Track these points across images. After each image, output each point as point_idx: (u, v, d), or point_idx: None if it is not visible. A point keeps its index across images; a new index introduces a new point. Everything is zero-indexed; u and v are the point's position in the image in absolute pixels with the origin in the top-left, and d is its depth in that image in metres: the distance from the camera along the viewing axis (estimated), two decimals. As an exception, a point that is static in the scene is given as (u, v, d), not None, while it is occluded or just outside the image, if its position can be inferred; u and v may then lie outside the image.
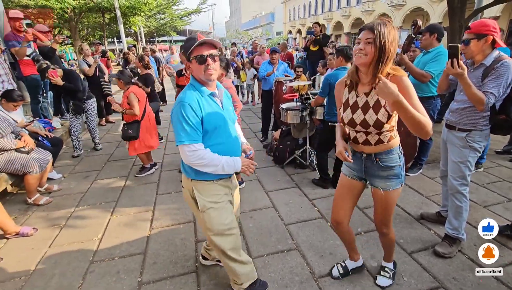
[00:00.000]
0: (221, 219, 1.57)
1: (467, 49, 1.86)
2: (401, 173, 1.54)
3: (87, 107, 4.26)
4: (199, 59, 1.38)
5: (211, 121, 1.44)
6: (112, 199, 3.06)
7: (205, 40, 1.38)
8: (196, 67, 1.41)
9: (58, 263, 2.15)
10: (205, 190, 1.54)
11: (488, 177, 3.29)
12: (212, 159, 1.42)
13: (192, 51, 1.38)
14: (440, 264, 2.02)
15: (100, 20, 15.30)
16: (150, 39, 27.97)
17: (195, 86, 1.47)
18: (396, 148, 1.52)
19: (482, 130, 1.95)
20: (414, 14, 22.39)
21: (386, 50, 1.27)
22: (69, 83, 3.92)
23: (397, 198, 1.60)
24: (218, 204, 1.56)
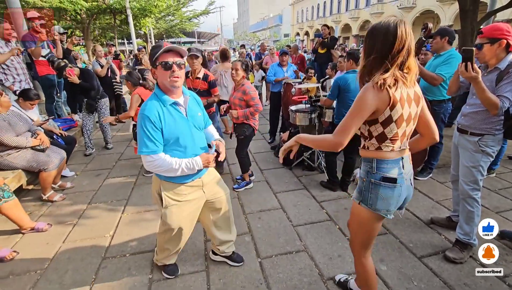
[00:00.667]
0: (179, 215, 1.68)
1: (480, 54, 1.85)
2: (361, 192, 1.36)
3: (100, 106, 4.29)
4: (164, 66, 1.44)
5: (172, 131, 1.51)
6: (123, 197, 3.12)
7: (171, 48, 1.44)
8: (161, 73, 1.46)
9: (71, 259, 2.21)
10: (171, 189, 1.64)
11: (500, 182, 3.23)
12: (170, 165, 1.49)
13: (157, 57, 1.44)
14: (451, 269, 2.00)
15: (112, 21, 15.61)
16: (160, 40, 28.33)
17: (157, 95, 1.51)
18: (370, 163, 1.33)
19: (495, 134, 1.93)
20: (424, 17, 22.15)
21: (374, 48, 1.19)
22: (85, 81, 3.98)
23: (358, 220, 1.43)
24: (181, 203, 1.67)
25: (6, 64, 4.03)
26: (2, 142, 2.62)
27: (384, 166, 1.30)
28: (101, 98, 4.28)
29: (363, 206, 1.37)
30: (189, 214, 1.75)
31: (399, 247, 2.24)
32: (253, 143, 4.78)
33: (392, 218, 2.60)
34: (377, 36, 1.18)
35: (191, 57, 3.22)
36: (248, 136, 3.10)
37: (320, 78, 5.60)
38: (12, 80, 4.15)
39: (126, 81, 3.50)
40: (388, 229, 2.46)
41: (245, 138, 3.11)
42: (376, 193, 1.32)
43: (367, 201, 1.34)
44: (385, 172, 1.30)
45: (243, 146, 3.17)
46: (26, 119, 2.91)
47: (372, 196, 1.33)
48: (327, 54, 5.95)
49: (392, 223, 2.53)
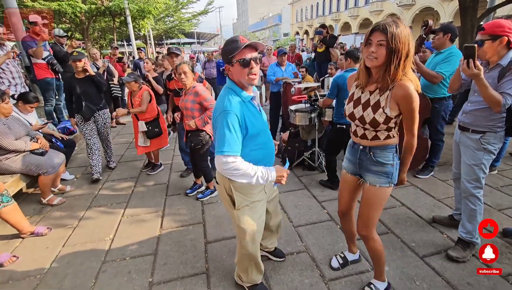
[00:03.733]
0: (253, 218, 1.60)
1: (481, 51, 1.81)
2: (391, 173, 1.51)
3: (100, 117, 3.60)
4: (243, 63, 1.35)
5: (255, 127, 1.42)
6: (123, 200, 3.11)
7: (249, 43, 1.36)
8: (239, 70, 1.37)
9: (71, 263, 2.20)
10: (243, 188, 1.53)
11: (502, 180, 3.21)
12: (247, 169, 1.36)
13: (235, 54, 1.34)
14: (454, 268, 1.98)
15: (111, 23, 15.61)
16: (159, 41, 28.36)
17: (235, 91, 1.42)
18: (392, 147, 1.50)
19: (497, 132, 1.90)
20: (423, 14, 22.08)
21: (398, 52, 1.25)
22: None
23: (384, 200, 1.56)
24: (253, 203, 1.58)
25: (2, 67, 4.03)
26: (1, 146, 2.61)
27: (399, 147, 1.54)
28: (103, 108, 3.67)
29: (392, 186, 1.54)
30: (261, 215, 1.66)
31: (401, 247, 2.22)
32: (253, 143, 4.77)
33: (394, 217, 2.59)
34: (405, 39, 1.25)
35: (170, 55, 3.12)
36: (205, 145, 2.82)
37: (320, 77, 5.58)
38: (8, 84, 4.15)
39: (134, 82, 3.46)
40: (390, 229, 2.43)
41: (202, 147, 2.82)
42: (397, 169, 1.55)
43: (395, 179, 1.54)
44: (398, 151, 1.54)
45: (202, 156, 2.90)
46: (25, 123, 2.91)
47: (396, 173, 1.54)
48: (326, 53, 5.92)
49: (394, 223, 2.51)
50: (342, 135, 2.92)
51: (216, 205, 2.95)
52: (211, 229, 2.54)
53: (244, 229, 1.60)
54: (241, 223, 1.59)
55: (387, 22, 1.26)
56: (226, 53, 1.38)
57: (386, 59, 1.28)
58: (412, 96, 1.31)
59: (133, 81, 3.43)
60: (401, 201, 2.85)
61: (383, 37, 1.25)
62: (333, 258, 2.07)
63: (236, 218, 1.59)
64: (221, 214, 2.75)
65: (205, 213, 2.81)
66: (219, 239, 2.41)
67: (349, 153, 1.69)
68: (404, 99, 1.33)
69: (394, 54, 1.25)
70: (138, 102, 3.48)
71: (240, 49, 1.33)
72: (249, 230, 1.61)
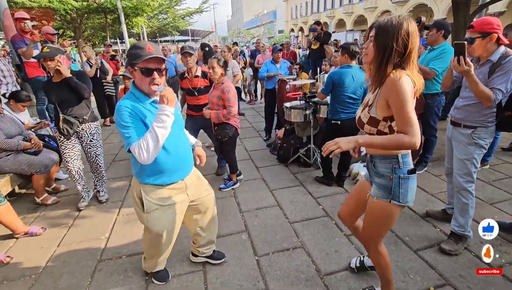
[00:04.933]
0: (162, 221, 1.62)
1: (471, 48, 1.85)
2: (391, 188, 1.33)
3: (84, 133, 2.75)
4: (145, 72, 1.37)
5: None
6: (118, 199, 3.09)
7: (155, 56, 1.36)
8: (140, 78, 1.39)
9: (66, 262, 2.18)
10: (152, 192, 1.57)
11: (494, 174, 3.26)
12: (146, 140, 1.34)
13: (138, 62, 1.36)
14: (446, 261, 2.02)
15: (103, 21, 15.40)
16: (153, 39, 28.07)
17: (134, 94, 1.44)
18: (392, 158, 1.32)
19: (488, 127, 1.93)
20: (417, 11, 22.21)
21: (386, 48, 1.18)
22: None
23: (383, 217, 1.41)
24: (163, 207, 1.60)
25: None
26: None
27: (407, 159, 1.33)
28: (89, 120, 2.76)
29: (394, 203, 1.35)
30: (172, 219, 1.66)
31: (395, 241, 2.25)
32: (249, 140, 4.77)
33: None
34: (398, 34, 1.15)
35: (184, 55, 3.10)
36: (232, 137, 2.96)
37: (314, 74, 5.58)
38: (-1, 82, 4.08)
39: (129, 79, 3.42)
40: (384, 223, 2.47)
41: (229, 140, 2.97)
42: (407, 186, 1.33)
43: (399, 197, 1.33)
44: (409, 165, 1.34)
45: (230, 148, 3.08)
46: (18, 122, 2.87)
47: (403, 190, 1.33)
48: (320, 50, 5.93)
49: (388, 217, 2.54)
50: (336, 131, 2.93)
51: (212, 202, 2.95)
52: (207, 227, 2.54)
53: (153, 231, 1.64)
54: (149, 226, 1.62)
55: (384, 19, 1.20)
56: (129, 57, 1.40)
57: (375, 54, 1.22)
58: (398, 86, 1.16)
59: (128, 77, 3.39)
60: (395, 196, 2.89)
61: (372, 32, 1.22)
62: (354, 258, 2.00)
63: (146, 220, 1.62)
64: (217, 212, 2.72)
65: (201, 210, 2.81)
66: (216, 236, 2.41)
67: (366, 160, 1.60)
68: (390, 92, 1.20)
69: (382, 49, 1.19)
70: None
71: (143, 58, 1.34)
72: (157, 234, 1.64)
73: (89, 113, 2.77)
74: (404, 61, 1.20)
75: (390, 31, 1.16)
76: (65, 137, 2.69)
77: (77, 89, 2.59)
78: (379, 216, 1.42)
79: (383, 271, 1.59)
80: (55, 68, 2.49)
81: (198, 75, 3.22)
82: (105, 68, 5.75)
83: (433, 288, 1.81)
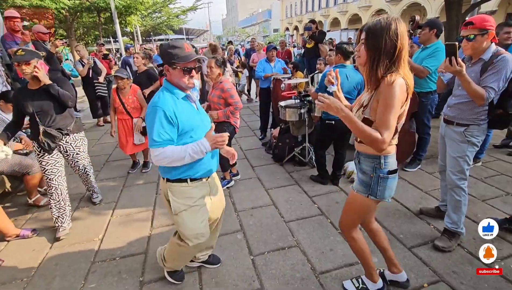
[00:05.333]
0: (193, 223, 1.60)
1: (469, 45, 1.83)
2: (370, 185, 1.42)
3: (69, 147, 2.50)
4: (186, 70, 1.43)
5: (187, 123, 1.47)
6: (112, 200, 3.06)
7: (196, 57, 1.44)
8: (181, 76, 1.45)
9: (59, 264, 2.15)
10: (179, 193, 1.56)
11: (486, 171, 3.31)
12: (175, 153, 1.40)
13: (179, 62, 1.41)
14: (440, 258, 2.04)
15: (96, 19, 15.21)
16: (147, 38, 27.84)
17: (169, 89, 1.49)
18: (375, 158, 1.39)
19: (480, 124, 1.95)
20: (411, 9, 22.38)
21: (377, 50, 1.21)
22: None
23: (359, 208, 1.52)
24: (192, 207, 1.59)
25: None
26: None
27: (390, 160, 1.40)
28: (74, 132, 2.51)
29: (371, 198, 1.45)
30: (203, 220, 1.65)
31: (390, 239, 2.26)
32: (244, 140, 4.76)
33: (383, 210, 2.64)
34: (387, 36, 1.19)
35: None
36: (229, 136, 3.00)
37: (309, 73, 5.59)
38: (-11, 83, 3.99)
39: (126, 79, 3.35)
40: (379, 222, 2.48)
41: None
42: (385, 185, 1.42)
43: (376, 193, 1.43)
44: (391, 166, 1.40)
45: None
46: (6, 122, 2.81)
47: (381, 188, 1.42)
48: (315, 49, 5.94)
49: (384, 215, 2.55)
50: (330, 130, 2.94)
51: (207, 202, 2.93)
52: (202, 227, 2.53)
53: (187, 233, 1.61)
54: (181, 229, 1.61)
55: (373, 21, 1.23)
56: (168, 55, 1.42)
57: (367, 57, 1.26)
58: (391, 90, 1.20)
59: (127, 78, 3.36)
60: (390, 194, 2.91)
61: (363, 35, 1.27)
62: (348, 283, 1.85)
63: (176, 223, 1.62)
64: (213, 211, 2.74)
65: (196, 210, 2.80)
66: (211, 236, 2.40)
67: None
68: (382, 93, 1.24)
69: (373, 51, 1.23)
70: (132, 100, 3.42)
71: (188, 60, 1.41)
72: (190, 236, 1.62)
73: (73, 123, 2.49)
74: (395, 61, 1.23)
75: (379, 34, 1.19)
76: (46, 152, 2.38)
77: (60, 97, 2.31)
78: (354, 206, 1.56)
79: (363, 258, 1.68)
80: (31, 74, 2.20)
81: None
82: (98, 68, 5.68)
83: (427, 285, 1.82)
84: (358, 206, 1.53)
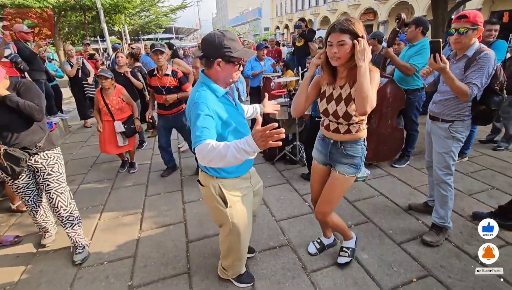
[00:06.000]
0: (244, 213, 1.59)
1: (460, 39, 1.83)
2: (359, 164, 1.63)
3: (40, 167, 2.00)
4: (239, 63, 1.39)
5: (228, 121, 1.39)
6: (99, 203, 2.99)
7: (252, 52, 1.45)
8: (231, 69, 1.37)
9: (44, 271, 2.09)
10: (231, 185, 1.53)
11: (472, 166, 3.38)
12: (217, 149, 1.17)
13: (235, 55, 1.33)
14: (428, 253, 2.07)
15: (82, 18, 14.86)
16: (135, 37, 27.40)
17: (209, 86, 1.38)
18: (362, 140, 1.60)
19: (464, 120, 1.98)
20: (399, 8, 22.67)
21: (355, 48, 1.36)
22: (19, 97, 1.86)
23: (348, 187, 1.71)
24: (242, 198, 1.57)
25: None
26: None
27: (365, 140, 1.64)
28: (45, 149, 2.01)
29: (357, 175, 1.69)
30: (250, 210, 1.64)
31: (379, 235, 2.29)
32: (235, 139, 4.73)
33: (373, 207, 2.66)
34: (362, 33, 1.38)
35: (155, 53, 3.03)
36: None
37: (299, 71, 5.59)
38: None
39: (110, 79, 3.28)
40: (369, 218, 2.50)
41: None
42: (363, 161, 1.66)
43: (361, 170, 1.66)
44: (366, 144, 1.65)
45: None
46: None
47: (363, 164, 1.67)
48: (305, 47, 5.95)
49: (373, 212, 2.58)
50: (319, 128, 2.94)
51: (197, 203, 2.90)
52: (192, 228, 2.50)
53: (237, 225, 1.58)
54: (234, 221, 1.56)
55: (343, 22, 1.35)
56: (224, 48, 1.30)
57: (350, 55, 1.38)
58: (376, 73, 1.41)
59: (111, 78, 3.29)
60: (380, 190, 2.94)
61: (342, 37, 1.35)
62: (310, 244, 2.17)
63: (229, 215, 1.55)
64: (203, 212, 2.71)
65: (186, 212, 2.76)
66: (201, 237, 2.38)
67: (320, 145, 1.77)
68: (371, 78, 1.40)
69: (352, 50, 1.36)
70: (116, 101, 3.35)
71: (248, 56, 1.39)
72: (242, 225, 1.60)
73: (44, 137, 2.00)
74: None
75: (355, 33, 1.34)
76: (11, 177, 1.96)
77: (22, 110, 1.82)
78: (345, 189, 1.71)
79: (341, 226, 1.91)
80: None
81: (168, 74, 3.14)
82: (86, 68, 5.56)
83: (416, 280, 1.85)
84: (346, 187, 1.71)
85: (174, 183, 3.31)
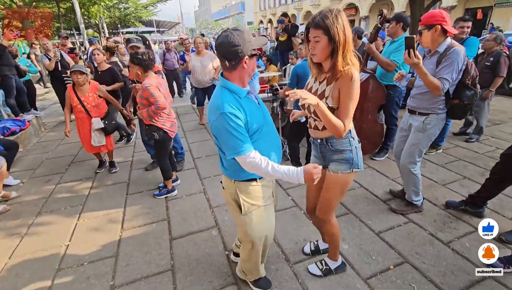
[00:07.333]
0: (260, 223, 1.53)
1: (421, 39, 2.02)
2: (352, 158, 1.51)
3: None
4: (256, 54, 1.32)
5: (254, 123, 1.34)
6: (78, 203, 2.90)
7: None
8: (253, 63, 1.32)
9: (20, 275, 2.01)
10: (249, 192, 1.47)
11: (446, 157, 3.54)
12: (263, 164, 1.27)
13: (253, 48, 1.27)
14: (405, 241, 2.16)
15: (55, 10, 14.11)
16: (114, 30, 26.34)
17: (232, 90, 1.31)
18: (348, 134, 1.50)
19: (439, 113, 2.09)
20: (379, 4, 23.11)
21: (338, 42, 1.25)
22: None
23: (345, 187, 1.58)
24: (260, 207, 1.51)
25: None
26: None
27: (353, 132, 1.53)
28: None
29: (355, 171, 1.54)
30: (271, 220, 1.60)
31: (359, 225, 2.37)
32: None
33: (353, 199, 2.74)
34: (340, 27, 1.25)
35: (132, 48, 2.96)
36: (160, 141, 2.71)
37: (282, 66, 5.62)
38: None
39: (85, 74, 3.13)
40: (349, 209, 2.58)
41: (157, 143, 2.73)
42: (360, 154, 1.55)
43: (357, 165, 1.53)
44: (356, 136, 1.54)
45: (159, 152, 2.80)
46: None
47: (358, 158, 1.53)
48: (288, 42, 5.97)
49: (353, 203, 2.66)
50: (302, 123, 2.98)
51: (180, 200, 2.87)
52: (176, 225, 2.48)
53: (253, 234, 1.53)
54: (248, 229, 1.52)
55: (318, 17, 1.26)
56: (248, 44, 1.24)
57: (328, 51, 1.29)
58: (352, 85, 1.29)
59: (86, 74, 3.15)
60: (360, 183, 3.03)
61: (317, 33, 1.27)
62: (306, 245, 2.13)
63: (244, 223, 1.51)
64: (187, 209, 2.70)
65: (170, 209, 2.73)
66: (185, 234, 2.36)
67: (313, 149, 1.70)
68: (343, 87, 1.31)
69: (335, 44, 1.25)
70: (93, 97, 3.21)
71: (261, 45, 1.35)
72: (259, 235, 1.55)
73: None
74: (347, 51, 1.28)
75: (334, 28, 1.23)
76: None
77: None
78: (342, 188, 1.59)
79: (335, 240, 1.80)
80: None
81: None
82: (65, 61, 5.31)
83: (393, 267, 1.93)
84: (343, 185, 1.58)
85: (156, 181, 3.26)
